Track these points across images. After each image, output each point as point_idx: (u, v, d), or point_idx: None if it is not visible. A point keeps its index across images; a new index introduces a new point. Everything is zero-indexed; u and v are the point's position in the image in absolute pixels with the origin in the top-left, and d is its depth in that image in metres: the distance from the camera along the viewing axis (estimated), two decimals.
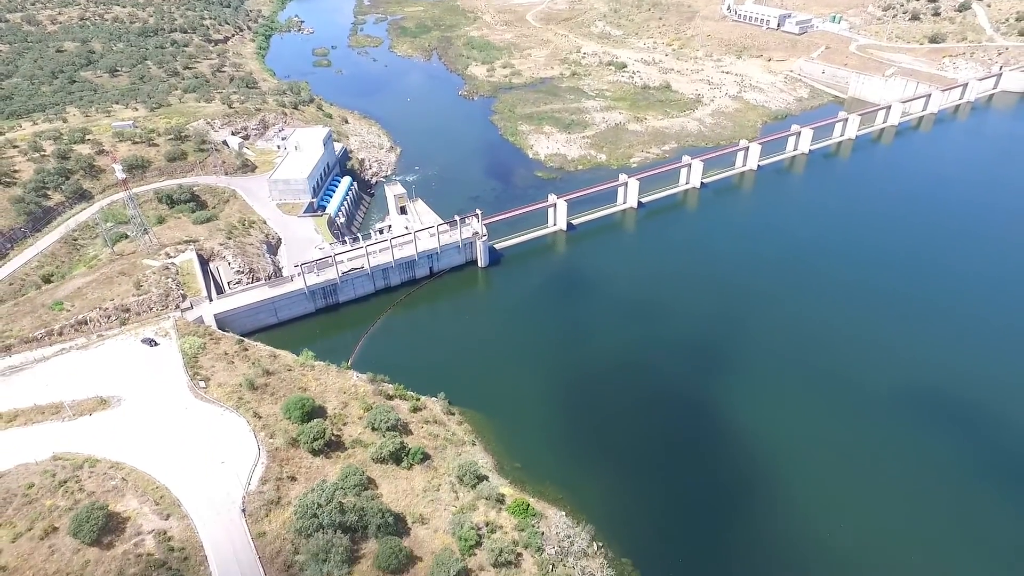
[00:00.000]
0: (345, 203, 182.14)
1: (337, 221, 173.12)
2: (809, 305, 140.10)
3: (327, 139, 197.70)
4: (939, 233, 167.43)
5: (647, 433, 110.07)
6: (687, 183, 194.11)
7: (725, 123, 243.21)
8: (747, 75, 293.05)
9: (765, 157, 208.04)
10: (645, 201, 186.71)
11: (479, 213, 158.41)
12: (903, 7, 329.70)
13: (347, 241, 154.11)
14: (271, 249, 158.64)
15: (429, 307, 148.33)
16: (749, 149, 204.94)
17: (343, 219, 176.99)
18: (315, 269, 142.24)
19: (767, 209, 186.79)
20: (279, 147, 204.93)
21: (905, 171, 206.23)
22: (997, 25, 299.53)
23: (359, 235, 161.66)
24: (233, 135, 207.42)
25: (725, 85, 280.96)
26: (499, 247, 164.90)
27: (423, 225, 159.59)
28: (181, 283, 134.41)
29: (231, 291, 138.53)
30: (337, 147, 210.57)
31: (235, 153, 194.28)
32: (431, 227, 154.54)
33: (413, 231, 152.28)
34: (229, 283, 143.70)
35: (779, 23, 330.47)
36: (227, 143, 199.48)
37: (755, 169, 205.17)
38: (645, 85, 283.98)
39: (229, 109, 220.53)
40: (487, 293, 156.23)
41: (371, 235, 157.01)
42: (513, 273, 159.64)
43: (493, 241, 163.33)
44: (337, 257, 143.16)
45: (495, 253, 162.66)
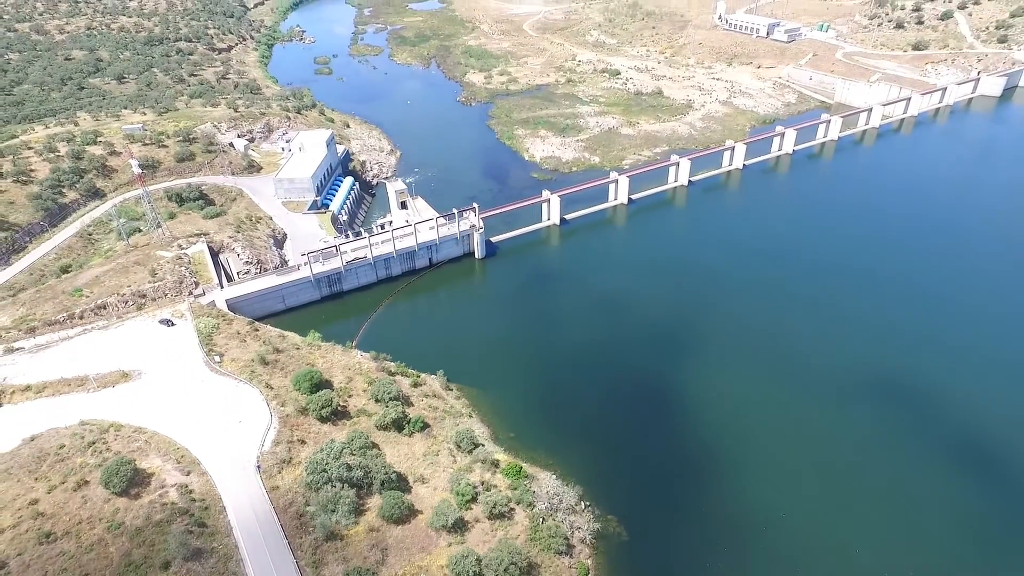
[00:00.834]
0: (347, 201, 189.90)
1: (340, 218, 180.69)
2: (787, 293, 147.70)
3: (330, 141, 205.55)
4: (914, 227, 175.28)
5: (630, 407, 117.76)
6: (675, 181, 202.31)
7: (715, 127, 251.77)
8: (737, 81, 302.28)
9: (750, 157, 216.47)
10: (635, 198, 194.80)
11: (476, 207, 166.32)
12: (888, 16, 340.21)
13: (350, 236, 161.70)
14: (277, 243, 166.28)
15: (429, 295, 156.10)
16: (735, 149, 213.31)
17: (345, 216, 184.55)
18: (320, 258, 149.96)
19: (750, 206, 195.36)
20: (283, 149, 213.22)
21: (884, 170, 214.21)
22: (977, 33, 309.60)
23: (362, 229, 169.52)
24: (239, 138, 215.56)
25: (715, 91, 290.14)
26: (495, 240, 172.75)
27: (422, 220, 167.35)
28: (194, 271, 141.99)
29: (240, 279, 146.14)
30: (339, 149, 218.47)
31: (241, 155, 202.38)
32: (430, 220, 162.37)
33: (413, 223, 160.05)
34: (239, 273, 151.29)
35: (768, 31, 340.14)
36: (233, 145, 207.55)
37: (741, 168, 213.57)
38: (638, 91, 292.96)
39: (235, 113, 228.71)
40: (484, 282, 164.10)
41: (373, 230, 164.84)
42: (508, 264, 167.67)
43: (490, 235, 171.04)
44: (341, 248, 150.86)
45: (491, 246, 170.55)
